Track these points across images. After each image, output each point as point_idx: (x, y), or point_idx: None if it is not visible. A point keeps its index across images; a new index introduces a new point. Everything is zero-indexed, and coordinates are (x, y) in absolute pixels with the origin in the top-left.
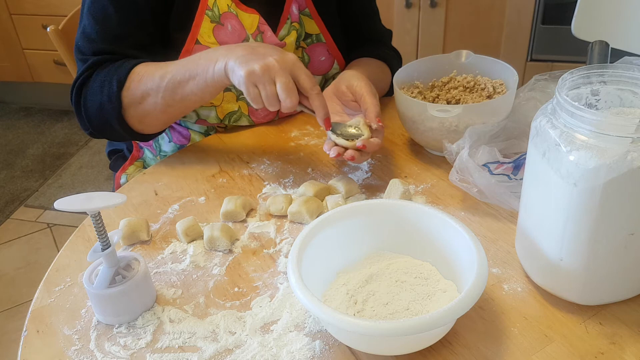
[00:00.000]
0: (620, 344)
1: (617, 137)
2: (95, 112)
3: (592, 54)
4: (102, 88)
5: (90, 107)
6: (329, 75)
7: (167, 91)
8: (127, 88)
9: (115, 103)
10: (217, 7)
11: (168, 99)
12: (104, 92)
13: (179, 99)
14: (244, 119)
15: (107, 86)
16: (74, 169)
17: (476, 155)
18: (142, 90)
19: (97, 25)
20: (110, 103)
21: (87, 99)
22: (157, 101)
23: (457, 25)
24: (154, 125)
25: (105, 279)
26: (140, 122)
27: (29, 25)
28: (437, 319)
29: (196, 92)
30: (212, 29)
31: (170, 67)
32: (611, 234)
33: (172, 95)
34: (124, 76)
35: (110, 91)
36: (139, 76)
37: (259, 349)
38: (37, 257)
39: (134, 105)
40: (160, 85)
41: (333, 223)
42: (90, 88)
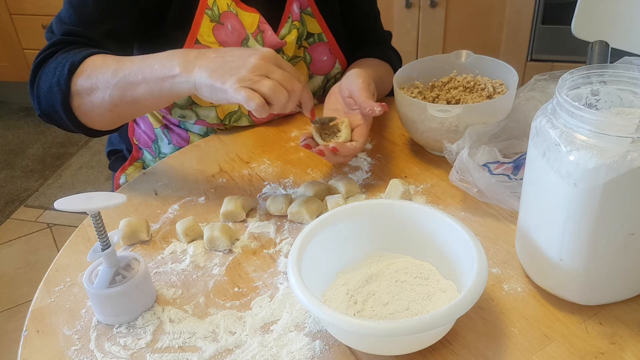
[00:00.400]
0: (620, 344)
1: (617, 137)
2: (45, 94)
3: (592, 54)
4: (55, 70)
5: (42, 88)
6: (330, 75)
7: (116, 89)
8: (77, 74)
9: (64, 87)
10: (217, 6)
11: (116, 97)
12: (56, 74)
13: (128, 100)
14: (244, 119)
15: (60, 69)
16: (74, 169)
17: (476, 155)
18: (92, 82)
19: (71, 8)
20: (58, 87)
21: (40, 78)
22: (105, 97)
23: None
24: (100, 122)
25: (105, 279)
26: (86, 115)
27: (29, 25)
28: (437, 319)
29: (148, 97)
30: (211, 28)
31: (125, 65)
32: (611, 234)
33: (121, 96)
34: (78, 62)
35: (61, 74)
36: (93, 66)
37: (259, 349)
38: (37, 257)
39: (80, 96)
40: (110, 82)
41: (333, 223)
42: (46, 68)
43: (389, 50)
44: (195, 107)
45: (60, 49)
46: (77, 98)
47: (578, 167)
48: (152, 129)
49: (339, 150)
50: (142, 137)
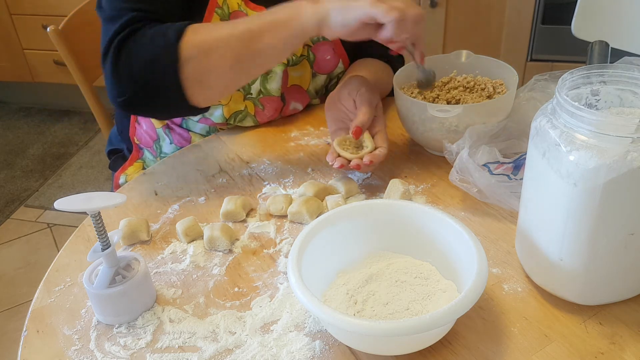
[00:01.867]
0: (620, 344)
1: (617, 137)
2: (144, 67)
3: (592, 54)
4: (153, 41)
5: (137, 63)
6: (333, 74)
7: (239, 43)
8: (186, 41)
9: (173, 52)
10: (227, 5)
11: (240, 53)
12: (158, 44)
13: (253, 52)
14: (249, 119)
15: (162, 38)
16: (74, 169)
17: (476, 155)
18: (208, 40)
19: None
20: (166, 53)
21: (132, 53)
22: (226, 54)
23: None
24: (215, 87)
25: (105, 279)
26: (200, 81)
27: (29, 25)
28: (437, 319)
29: (276, 44)
30: None
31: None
32: (611, 234)
33: (246, 49)
34: (183, 27)
35: (166, 42)
36: (201, 29)
37: (259, 349)
38: (37, 257)
39: (195, 59)
40: (231, 36)
41: (333, 223)
42: (137, 42)
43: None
44: None
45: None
46: (188, 64)
47: (578, 167)
48: (153, 128)
49: (374, 161)
50: (144, 137)
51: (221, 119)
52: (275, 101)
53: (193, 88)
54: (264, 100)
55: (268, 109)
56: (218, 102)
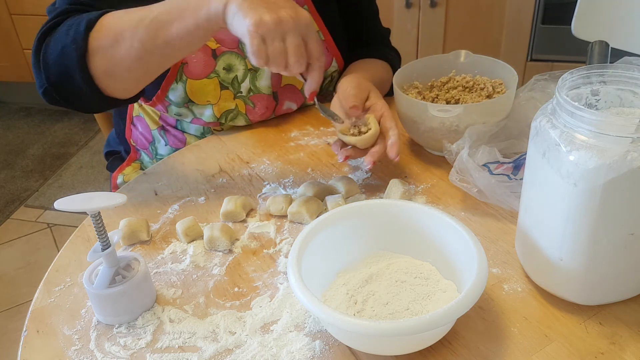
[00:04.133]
0: (620, 344)
1: (617, 137)
2: (56, 58)
3: (592, 54)
4: (68, 31)
5: (51, 54)
6: (327, 73)
7: (147, 33)
8: (96, 30)
9: (80, 44)
10: None
11: (147, 42)
12: (70, 34)
13: (160, 43)
14: (241, 118)
15: (74, 28)
16: (74, 169)
17: (476, 155)
18: (116, 31)
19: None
20: (73, 44)
21: (49, 45)
22: (133, 45)
23: (457, 25)
24: (123, 80)
25: (105, 279)
26: (108, 73)
27: (29, 25)
28: (437, 319)
29: (182, 35)
30: None
31: (154, 7)
32: (611, 234)
33: (153, 39)
34: (95, 18)
35: (76, 32)
36: (114, 18)
37: (259, 349)
38: (37, 257)
39: (102, 50)
40: (139, 26)
41: (333, 223)
42: (56, 33)
43: (388, 49)
44: (191, 105)
45: (68, 16)
46: (96, 55)
47: (578, 167)
48: (149, 130)
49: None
50: (139, 139)
51: (212, 119)
52: (266, 99)
53: (103, 79)
54: (254, 98)
55: (259, 107)
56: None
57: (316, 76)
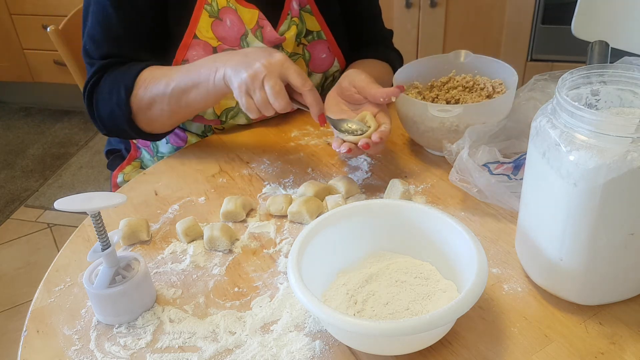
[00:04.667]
0: (620, 344)
1: (617, 137)
2: (107, 117)
3: (592, 54)
4: (110, 95)
5: (103, 113)
6: (329, 73)
7: (172, 98)
8: (134, 95)
9: (125, 109)
10: (216, 2)
11: (174, 105)
12: (113, 99)
13: (184, 105)
14: (242, 116)
15: (116, 94)
16: (74, 169)
17: (476, 155)
18: (149, 97)
19: (99, 26)
20: (120, 110)
21: (98, 105)
22: (164, 108)
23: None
24: (162, 128)
25: (105, 279)
26: (149, 125)
27: (29, 25)
28: (437, 319)
29: (199, 100)
30: (210, 23)
31: (174, 75)
32: (611, 234)
33: (178, 102)
34: (131, 83)
35: (119, 98)
36: (145, 83)
37: (259, 349)
38: (37, 257)
39: (142, 111)
40: (165, 93)
41: (333, 223)
42: (100, 94)
43: (389, 50)
44: None
45: (105, 72)
46: (139, 114)
47: (578, 167)
48: None
49: (382, 138)
50: None
51: (213, 116)
52: None
53: (147, 128)
54: None
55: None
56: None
57: (311, 99)
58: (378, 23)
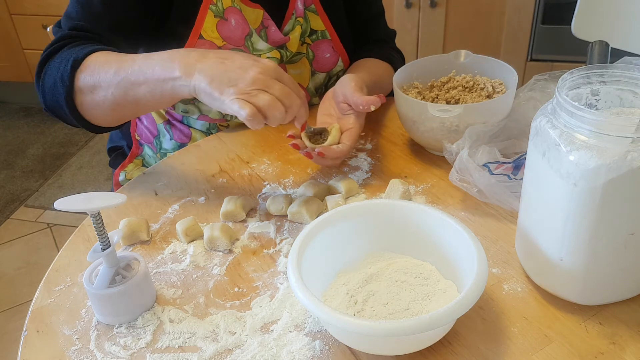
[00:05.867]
0: (620, 344)
1: (617, 137)
2: (49, 89)
3: (592, 54)
4: (59, 66)
5: (47, 83)
6: (333, 72)
7: (118, 89)
8: (80, 71)
9: (67, 83)
10: (221, 2)
11: (118, 97)
12: (59, 70)
13: (130, 99)
14: None
15: (64, 65)
16: (74, 169)
17: (476, 155)
18: (94, 80)
19: (78, 4)
20: (62, 82)
21: (46, 73)
22: (107, 96)
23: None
24: (103, 119)
25: (105, 279)
26: (89, 112)
27: (29, 25)
28: (437, 319)
29: (149, 98)
30: (215, 23)
31: (127, 64)
32: (611, 234)
33: (123, 95)
34: (81, 58)
35: (64, 70)
36: (95, 64)
37: (259, 349)
38: (37, 257)
39: (83, 93)
40: (112, 81)
41: (333, 223)
42: (51, 63)
43: (391, 50)
44: (197, 102)
45: (66, 43)
46: (80, 95)
47: (578, 167)
48: (154, 124)
49: (324, 155)
50: (144, 133)
51: (218, 115)
52: None
53: (86, 115)
54: None
55: None
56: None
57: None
58: (380, 22)
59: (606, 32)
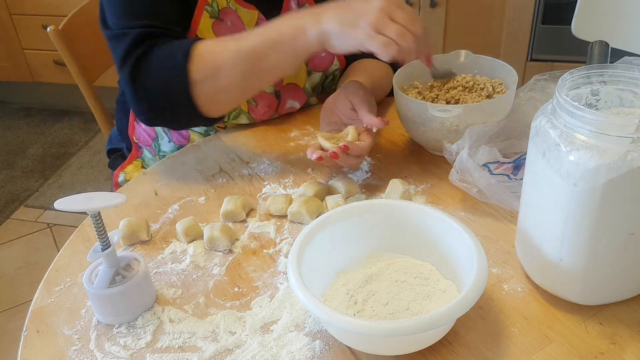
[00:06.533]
0: (620, 344)
1: (617, 137)
2: (159, 90)
3: (592, 54)
4: (163, 63)
5: (152, 86)
6: (329, 71)
7: (245, 64)
8: (195, 62)
9: (183, 78)
10: (217, 2)
11: (247, 72)
12: (168, 66)
13: (260, 72)
14: (244, 116)
15: (171, 61)
16: (74, 169)
17: (476, 155)
18: (214, 62)
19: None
20: (177, 78)
21: (146, 76)
22: (234, 75)
23: (457, 25)
24: (225, 103)
25: (105, 279)
26: (211, 100)
27: (29, 25)
28: (437, 319)
29: (281, 64)
30: (211, 24)
31: (245, 38)
32: (611, 234)
33: (252, 69)
34: (189, 48)
35: (175, 66)
36: (206, 50)
37: (259, 349)
38: (37, 257)
39: (204, 81)
40: (237, 57)
41: (333, 223)
42: (148, 65)
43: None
44: None
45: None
46: (200, 86)
47: (578, 167)
48: (152, 127)
49: (350, 149)
50: (142, 136)
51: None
52: (268, 98)
53: (205, 105)
54: (256, 96)
55: (261, 106)
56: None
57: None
58: None
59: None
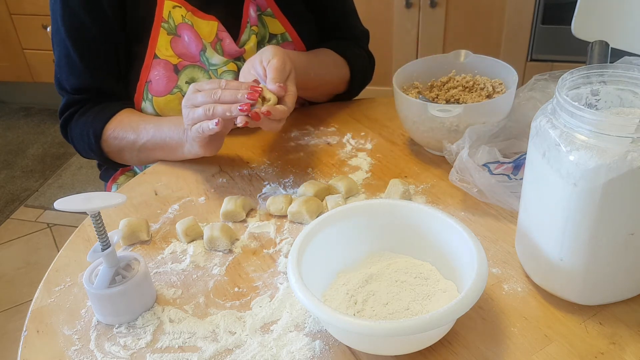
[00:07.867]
0: (620, 344)
1: (617, 137)
2: (83, 153)
3: (592, 54)
4: (82, 137)
5: (78, 148)
6: None
7: (140, 153)
8: (104, 141)
9: (97, 152)
10: (172, 18)
11: (142, 159)
12: (85, 141)
13: (152, 160)
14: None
15: (87, 138)
16: (74, 169)
17: (476, 155)
18: (118, 147)
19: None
20: (93, 152)
21: (74, 142)
22: (132, 158)
23: (457, 25)
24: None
25: (105, 279)
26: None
27: (29, 25)
28: (437, 319)
29: (168, 158)
30: (169, 41)
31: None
32: (611, 234)
33: (147, 157)
34: (99, 131)
35: (89, 143)
36: (114, 134)
37: (259, 349)
38: (37, 257)
39: (113, 154)
40: (133, 148)
41: (333, 223)
42: (73, 132)
43: (356, 49)
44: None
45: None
46: (110, 155)
47: (578, 167)
48: None
49: (271, 114)
50: None
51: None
52: None
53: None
54: None
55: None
56: None
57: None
58: (348, 20)
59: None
